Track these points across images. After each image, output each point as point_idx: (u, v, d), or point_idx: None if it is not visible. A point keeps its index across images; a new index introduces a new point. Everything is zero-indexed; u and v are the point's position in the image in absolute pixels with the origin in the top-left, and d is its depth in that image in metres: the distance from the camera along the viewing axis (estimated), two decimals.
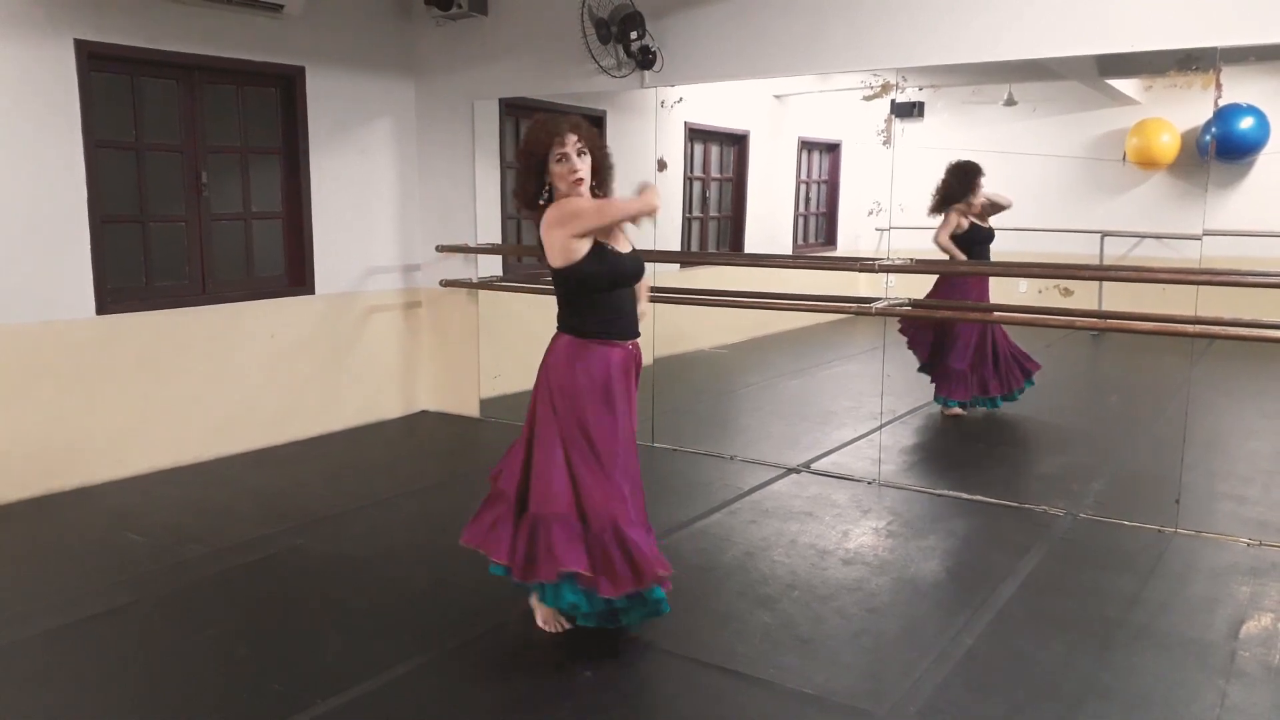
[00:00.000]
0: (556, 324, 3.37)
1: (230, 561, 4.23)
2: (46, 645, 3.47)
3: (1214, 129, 7.62)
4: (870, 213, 9.36)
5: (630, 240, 3.48)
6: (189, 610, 3.78)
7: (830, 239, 10.32)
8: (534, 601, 3.53)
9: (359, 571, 4.14)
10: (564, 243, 3.20)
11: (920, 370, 6.97)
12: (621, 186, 3.50)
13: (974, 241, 6.87)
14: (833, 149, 10.25)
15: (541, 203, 3.29)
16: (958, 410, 6.86)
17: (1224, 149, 7.89)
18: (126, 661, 3.38)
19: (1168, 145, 8.10)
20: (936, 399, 6.88)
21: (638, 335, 3.41)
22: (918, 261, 5.21)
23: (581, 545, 3.21)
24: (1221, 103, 4.77)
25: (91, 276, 5.16)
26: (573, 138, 3.25)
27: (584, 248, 3.21)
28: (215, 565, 4.19)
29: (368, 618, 3.68)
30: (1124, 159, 8.25)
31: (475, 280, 6.80)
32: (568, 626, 3.48)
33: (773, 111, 9.54)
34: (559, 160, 3.23)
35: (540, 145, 3.24)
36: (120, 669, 3.33)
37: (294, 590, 3.98)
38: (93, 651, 3.44)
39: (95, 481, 5.24)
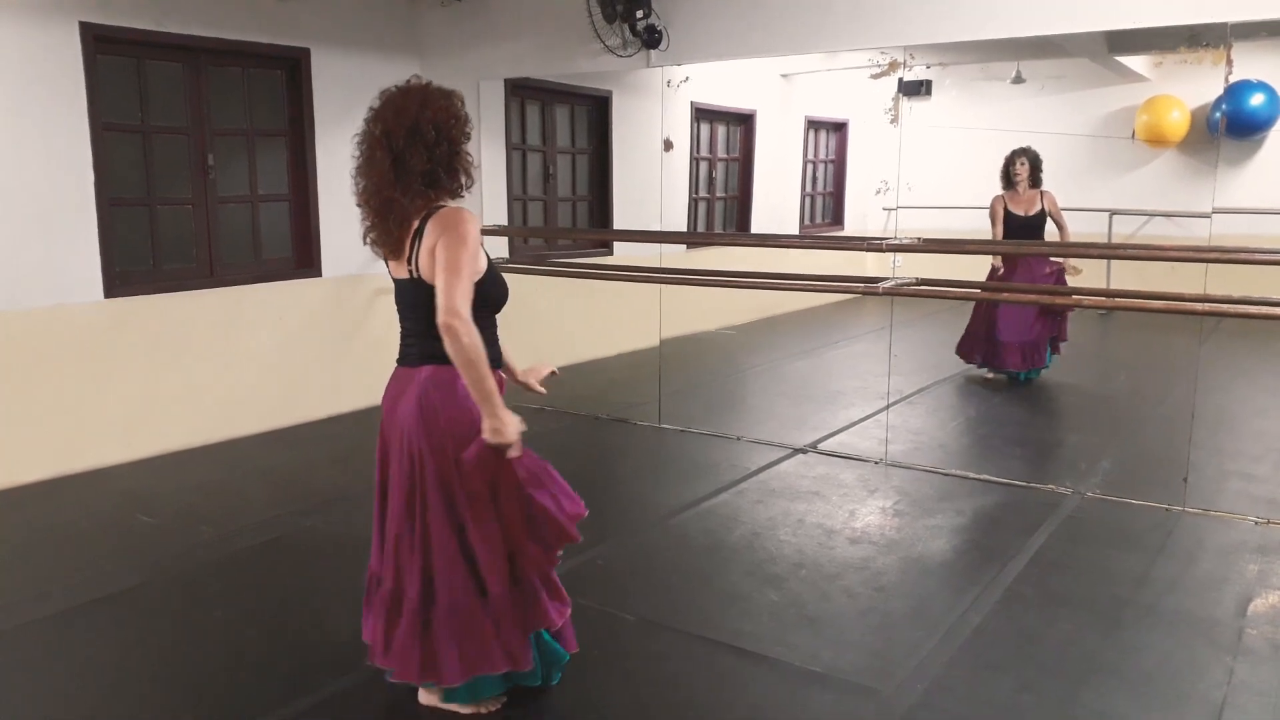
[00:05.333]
0: (412, 356, 2.75)
1: (240, 543, 4.26)
2: (58, 626, 3.50)
3: (1224, 106, 7.56)
4: (878, 192, 9.33)
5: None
6: (199, 591, 3.80)
7: (837, 219, 10.29)
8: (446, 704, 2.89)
9: (368, 552, 4.15)
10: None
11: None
12: (627, 173, 3.41)
13: (1007, 230, 6.92)
14: (840, 128, 10.20)
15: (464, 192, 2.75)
16: (992, 376, 7.17)
17: (1234, 126, 7.83)
18: (137, 643, 3.41)
19: (1177, 122, 8.03)
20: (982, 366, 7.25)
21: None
22: (925, 241, 5.18)
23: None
24: (1232, 79, 4.73)
25: (99, 260, 5.17)
26: None
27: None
28: (225, 547, 4.21)
29: None
30: (1133, 136, 8.19)
31: None
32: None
33: (779, 90, 9.49)
34: (468, 140, 2.72)
35: (463, 121, 2.70)
36: (131, 650, 3.36)
37: (304, 571, 4.01)
38: (103, 633, 3.47)
39: (106, 464, 5.27)
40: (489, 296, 2.70)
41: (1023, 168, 6.89)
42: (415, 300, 2.66)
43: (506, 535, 2.71)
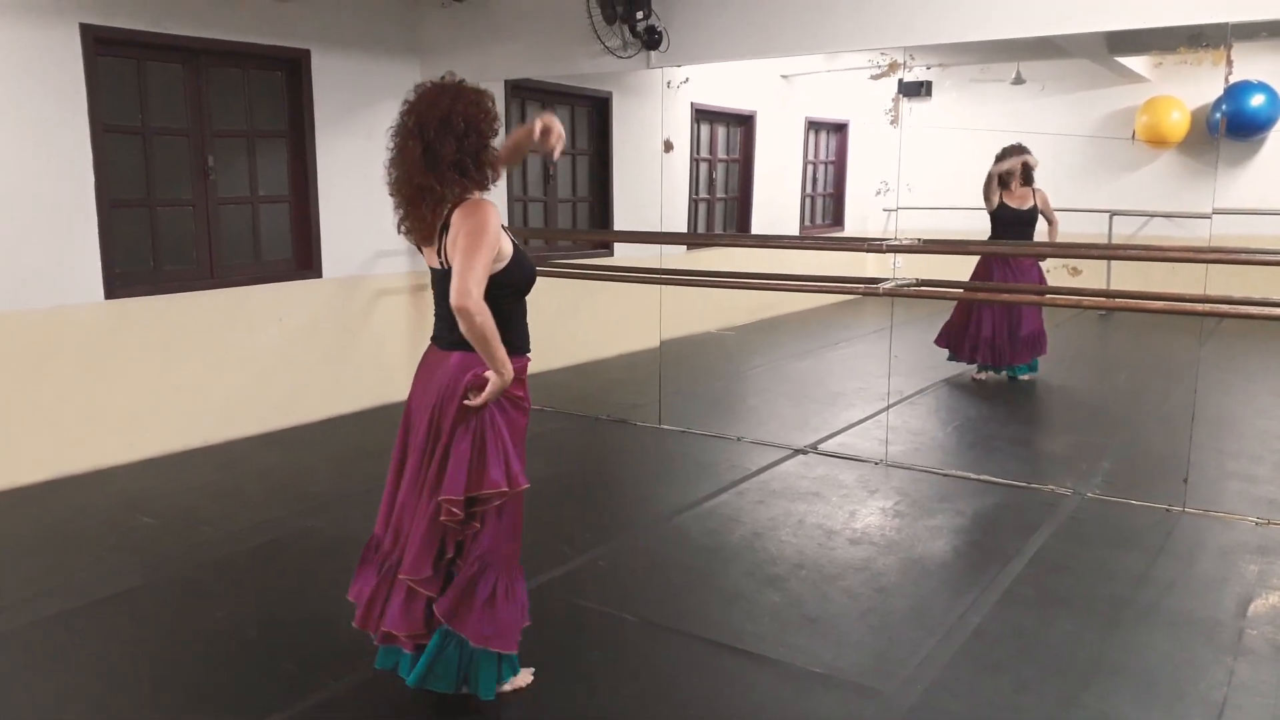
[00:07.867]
0: (443, 339, 2.91)
1: (241, 544, 4.26)
2: (59, 627, 3.50)
3: (1224, 106, 7.58)
4: (878, 193, 9.35)
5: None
6: (201, 592, 3.80)
7: (838, 219, 10.31)
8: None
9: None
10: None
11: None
12: (627, 174, 3.42)
13: (1000, 221, 6.89)
14: (840, 129, 10.22)
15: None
16: (981, 376, 7.19)
17: (1234, 126, 7.85)
18: (138, 643, 3.41)
19: (1177, 123, 8.05)
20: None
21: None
22: (926, 242, 5.18)
23: None
24: (1232, 79, 4.73)
25: (100, 261, 5.17)
26: None
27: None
28: (226, 547, 4.21)
29: None
30: (1133, 137, 8.21)
31: None
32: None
33: (779, 91, 9.50)
34: (496, 135, 2.83)
35: (492, 116, 2.81)
36: (132, 651, 3.36)
37: (304, 572, 4.01)
38: (105, 633, 3.47)
39: (106, 465, 5.27)
40: (514, 280, 2.81)
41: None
42: (445, 288, 2.73)
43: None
